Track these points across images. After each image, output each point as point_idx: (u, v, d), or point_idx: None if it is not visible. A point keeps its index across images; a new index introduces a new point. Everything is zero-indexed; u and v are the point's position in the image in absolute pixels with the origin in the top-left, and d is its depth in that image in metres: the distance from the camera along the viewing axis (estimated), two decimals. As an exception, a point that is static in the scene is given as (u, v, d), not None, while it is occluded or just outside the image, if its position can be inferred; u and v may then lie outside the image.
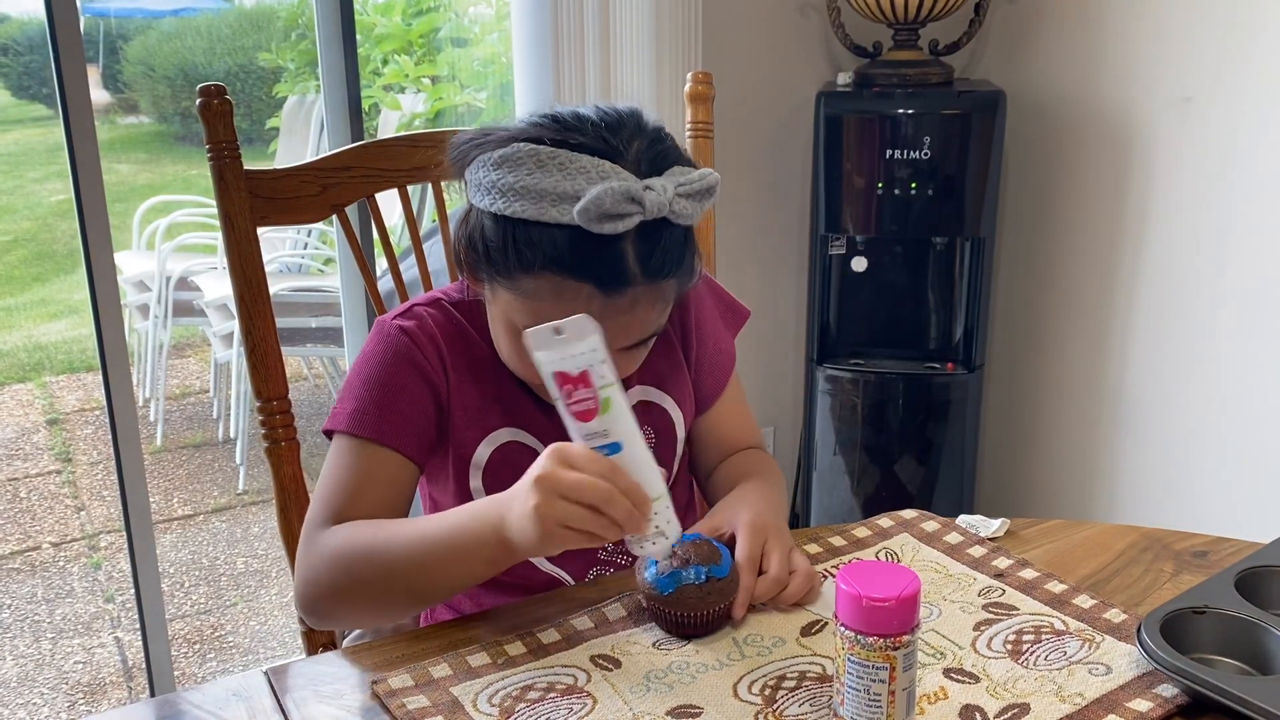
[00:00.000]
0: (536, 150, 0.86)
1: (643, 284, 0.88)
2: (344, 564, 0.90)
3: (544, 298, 0.88)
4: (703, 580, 0.85)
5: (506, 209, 0.86)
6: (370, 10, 3.97)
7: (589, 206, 0.83)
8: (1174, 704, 0.77)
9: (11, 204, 6.34)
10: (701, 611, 0.86)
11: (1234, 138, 1.84)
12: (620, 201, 0.84)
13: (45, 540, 2.98)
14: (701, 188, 0.88)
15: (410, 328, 0.99)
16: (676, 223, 0.88)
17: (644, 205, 0.85)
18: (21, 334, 4.70)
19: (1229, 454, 1.92)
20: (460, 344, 1.00)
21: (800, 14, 2.21)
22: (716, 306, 1.12)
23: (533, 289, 0.88)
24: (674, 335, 1.08)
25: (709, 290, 1.11)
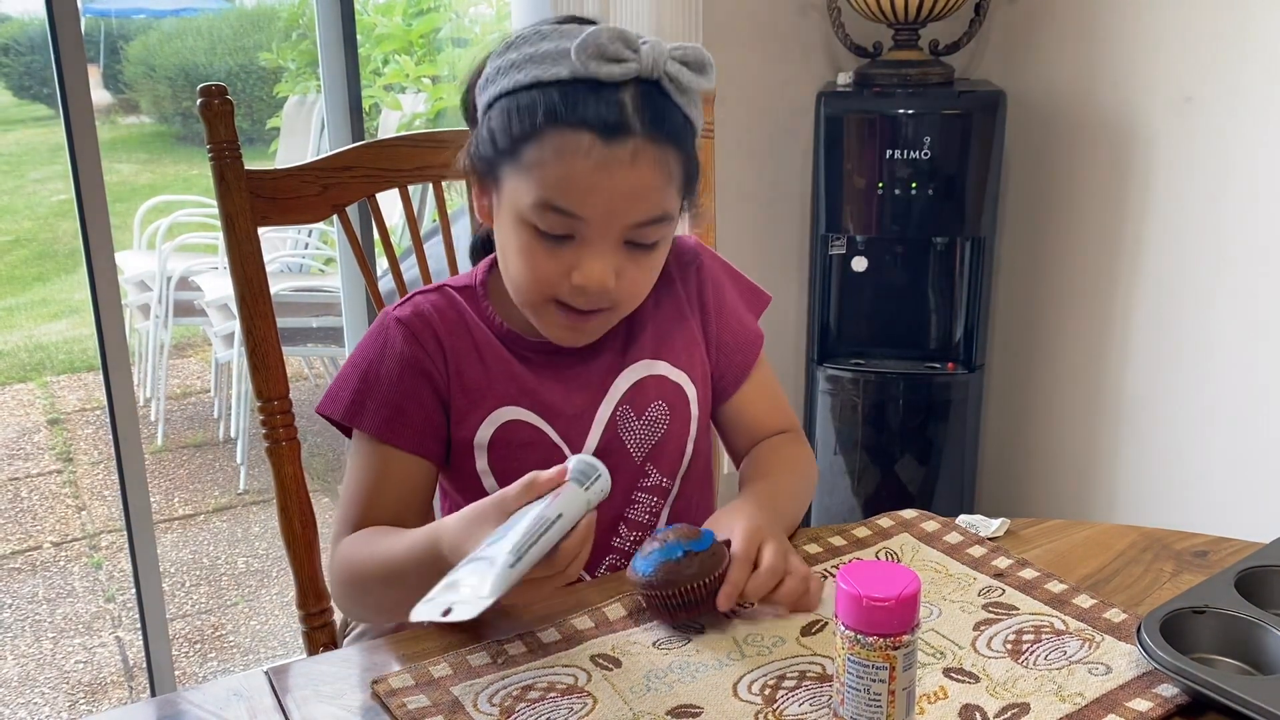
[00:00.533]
0: (538, 27, 0.92)
1: (643, 136, 0.89)
2: (345, 576, 0.96)
3: (547, 162, 0.89)
4: (680, 556, 0.85)
5: (509, 83, 0.91)
6: (371, 10, 3.98)
7: (586, 42, 0.87)
8: (1174, 704, 0.77)
9: (12, 204, 6.34)
10: (685, 587, 0.85)
11: (1234, 138, 1.84)
12: (615, 41, 0.88)
13: (46, 540, 2.98)
14: (695, 57, 0.92)
15: (407, 318, 1.00)
16: (670, 89, 0.91)
17: (639, 53, 0.89)
18: (22, 334, 4.70)
19: (1229, 454, 1.92)
20: (459, 327, 1.01)
21: (800, 14, 2.21)
22: (736, 289, 1.12)
23: (536, 157, 0.89)
24: (690, 311, 1.07)
25: (727, 274, 1.12)
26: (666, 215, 0.93)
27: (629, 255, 0.93)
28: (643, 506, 1.06)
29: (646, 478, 1.05)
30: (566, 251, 0.92)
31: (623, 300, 0.96)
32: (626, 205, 0.90)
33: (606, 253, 0.92)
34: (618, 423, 1.03)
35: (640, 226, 0.92)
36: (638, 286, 0.96)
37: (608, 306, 0.95)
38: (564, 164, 0.88)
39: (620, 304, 0.96)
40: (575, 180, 0.89)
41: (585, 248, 0.92)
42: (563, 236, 0.91)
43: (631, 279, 0.94)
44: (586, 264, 0.91)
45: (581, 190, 0.89)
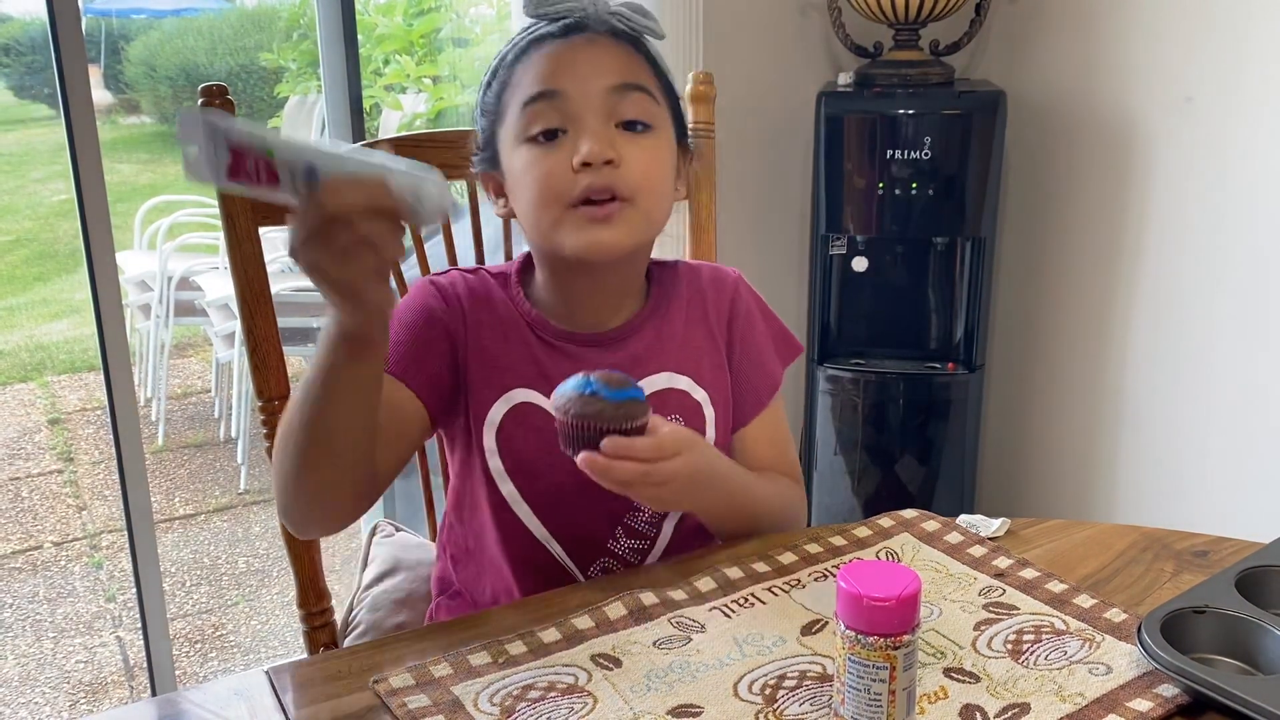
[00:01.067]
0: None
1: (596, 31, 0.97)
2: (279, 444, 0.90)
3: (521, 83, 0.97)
4: (589, 393, 0.86)
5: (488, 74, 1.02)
6: (371, 10, 3.98)
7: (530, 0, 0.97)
8: (1174, 704, 0.78)
9: (13, 204, 6.35)
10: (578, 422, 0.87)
11: (1234, 138, 1.84)
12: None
13: (47, 540, 2.98)
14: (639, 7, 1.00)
15: (441, 282, 1.04)
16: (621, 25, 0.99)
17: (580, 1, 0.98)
18: (23, 333, 4.71)
19: (1229, 453, 1.92)
20: (486, 304, 1.04)
21: (801, 14, 2.21)
22: (769, 329, 1.12)
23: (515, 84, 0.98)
24: (718, 334, 1.08)
25: (761, 313, 1.12)
26: (645, 86, 0.97)
27: (624, 137, 0.96)
28: (645, 516, 1.05)
29: (636, 513, 1.04)
30: (564, 147, 0.95)
31: (637, 188, 0.96)
32: (595, 70, 0.96)
33: (600, 127, 0.95)
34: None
35: (620, 92, 0.96)
36: (646, 170, 0.97)
37: (624, 196, 0.95)
38: (531, 69, 0.97)
39: (636, 194, 0.96)
40: (544, 68, 0.96)
41: (578, 131, 0.95)
42: (556, 131, 0.95)
43: (636, 160, 0.96)
44: (584, 141, 0.94)
45: (550, 69, 0.96)
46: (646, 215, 0.98)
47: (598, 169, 0.94)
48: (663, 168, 0.99)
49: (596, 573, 1.04)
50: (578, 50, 0.97)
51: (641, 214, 0.97)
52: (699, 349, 1.07)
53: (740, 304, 1.10)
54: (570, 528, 1.03)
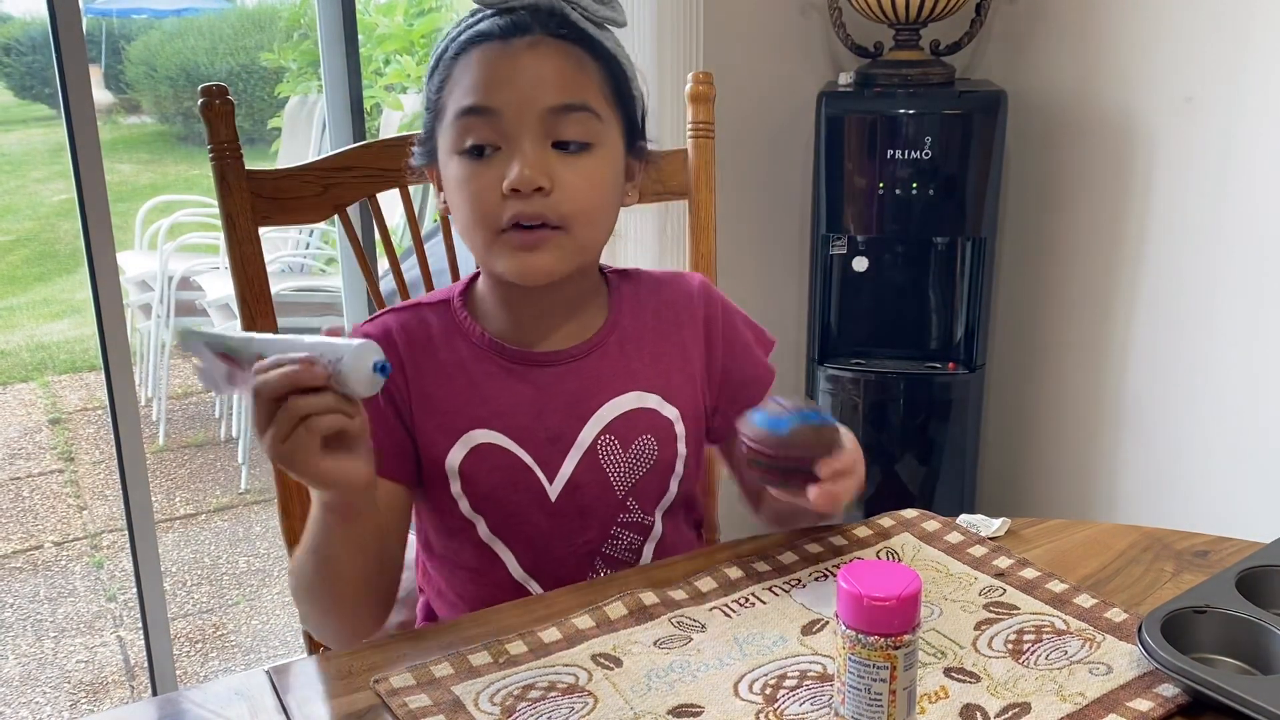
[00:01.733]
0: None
1: (543, 32, 0.91)
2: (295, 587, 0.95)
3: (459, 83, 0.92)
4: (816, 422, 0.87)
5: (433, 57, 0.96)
6: (372, 11, 3.98)
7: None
8: (1175, 704, 0.78)
9: (14, 204, 6.35)
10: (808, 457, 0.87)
11: (1235, 138, 1.84)
12: None
13: (47, 539, 2.98)
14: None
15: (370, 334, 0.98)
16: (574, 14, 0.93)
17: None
18: (24, 333, 4.71)
19: (1230, 453, 1.92)
20: (426, 346, 0.99)
21: (801, 14, 2.21)
22: (747, 328, 1.10)
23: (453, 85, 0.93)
24: (691, 345, 1.05)
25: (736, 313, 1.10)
26: (586, 105, 0.92)
27: (561, 160, 0.91)
28: (623, 543, 1.03)
29: (628, 513, 1.02)
30: (496, 165, 0.91)
31: (570, 215, 0.92)
32: (534, 87, 0.90)
33: (532, 150, 0.90)
34: (599, 451, 0.99)
35: (558, 114, 0.90)
36: (581, 197, 0.92)
37: (554, 223, 0.91)
38: (470, 74, 0.91)
39: (569, 221, 0.92)
40: (480, 76, 0.91)
41: (511, 151, 0.90)
42: (488, 148, 0.91)
43: (572, 187, 0.91)
44: (515, 164, 0.89)
45: (487, 82, 0.91)
46: (580, 241, 0.94)
47: (528, 196, 0.90)
48: (601, 189, 0.94)
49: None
50: (518, 59, 0.91)
51: (574, 240, 0.93)
52: (668, 364, 1.03)
53: (713, 307, 1.07)
54: (548, 564, 1.00)
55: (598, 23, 0.95)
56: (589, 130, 0.92)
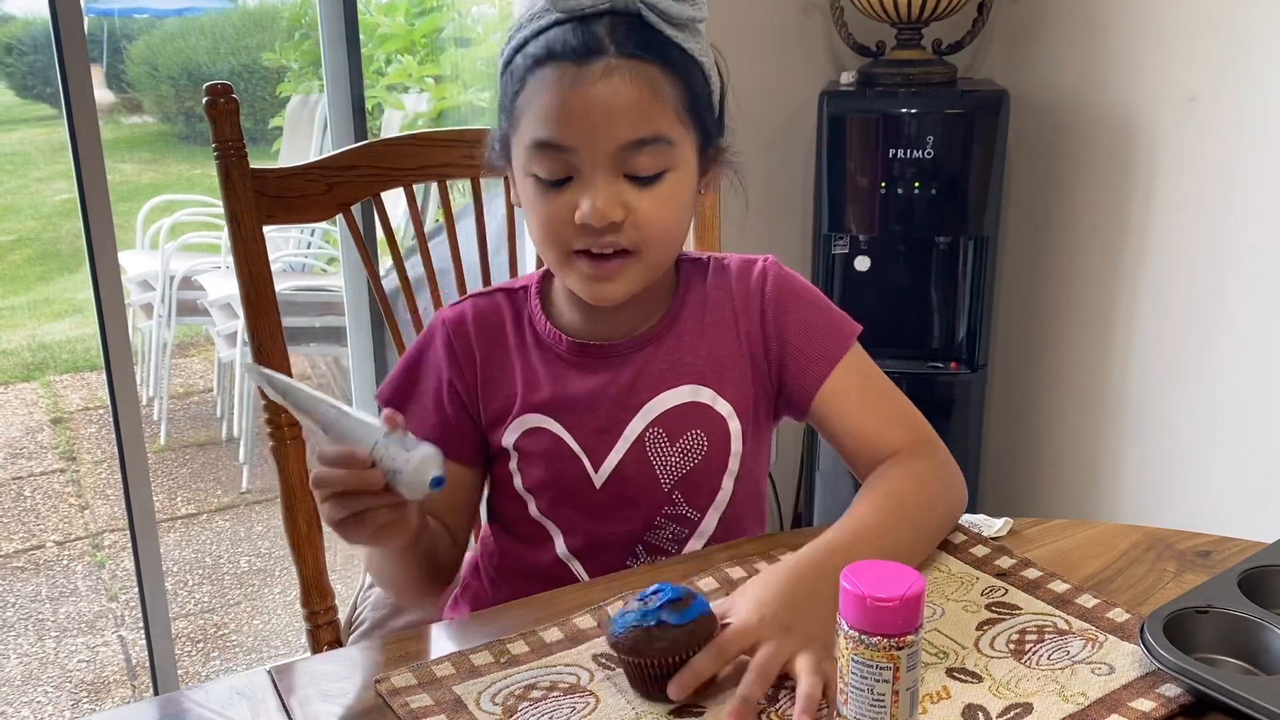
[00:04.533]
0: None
1: (617, 55, 0.89)
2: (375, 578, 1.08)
3: (532, 105, 0.91)
4: (653, 625, 0.77)
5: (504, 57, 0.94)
6: (373, 10, 3.98)
7: None
8: (1177, 704, 0.77)
9: (16, 203, 6.35)
10: (653, 660, 0.77)
11: (1237, 137, 1.83)
12: None
13: (49, 539, 2.98)
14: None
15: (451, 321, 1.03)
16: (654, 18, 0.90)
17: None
18: (26, 333, 4.71)
19: (1232, 453, 1.91)
20: (498, 333, 1.02)
21: (803, 13, 2.21)
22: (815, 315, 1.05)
23: (524, 105, 0.91)
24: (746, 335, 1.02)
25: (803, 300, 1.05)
26: (660, 136, 0.90)
27: (634, 189, 0.91)
28: (666, 533, 1.02)
29: (673, 505, 1.01)
30: (568, 193, 0.91)
31: (644, 241, 0.92)
32: (607, 123, 0.88)
33: (604, 185, 0.90)
34: (646, 443, 1.00)
35: (631, 149, 0.89)
36: (655, 224, 0.92)
37: (628, 249, 0.92)
38: (543, 97, 0.90)
39: (642, 246, 0.93)
40: (553, 108, 0.89)
41: (584, 184, 0.90)
42: (563, 180, 0.91)
43: (645, 214, 0.91)
44: (586, 198, 0.90)
45: (561, 117, 0.89)
46: (654, 263, 0.95)
47: (599, 229, 0.90)
48: (676, 212, 0.95)
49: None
50: (590, 91, 0.88)
51: (648, 264, 0.95)
52: (723, 357, 1.01)
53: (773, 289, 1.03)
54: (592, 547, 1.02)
55: (679, 24, 0.92)
56: (663, 159, 0.91)
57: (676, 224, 0.96)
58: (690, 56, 0.93)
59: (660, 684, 0.77)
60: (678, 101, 0.91)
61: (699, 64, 0.94)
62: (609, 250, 0.92)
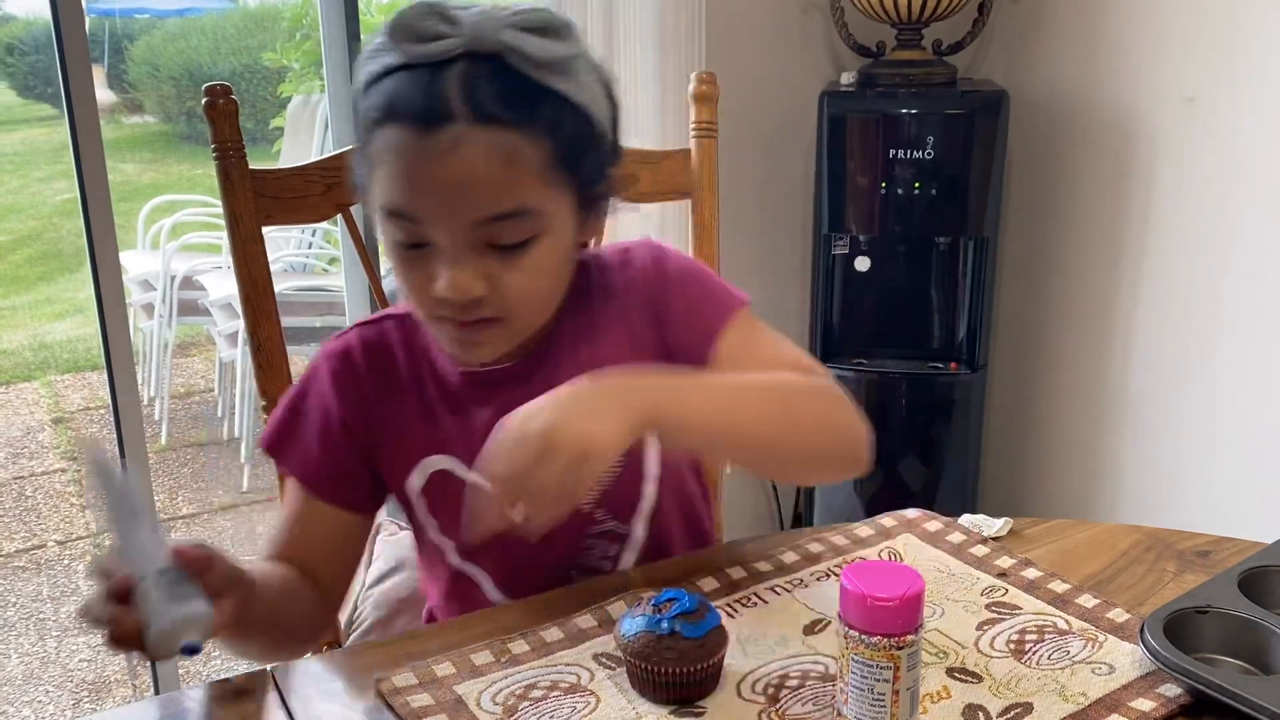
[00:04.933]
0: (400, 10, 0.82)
1: (468, 121, 0.78)
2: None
3: (379, 165, 0.81)
4: (666, 632, 0.77)
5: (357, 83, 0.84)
6: (374, 10, 3.98)
7: (395, 23, 0.78)
8: (1177, 704, 0.78)
9: (17, 203, 6.36)
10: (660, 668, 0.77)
11: (1237, 137, 1.83)
12: (428, 17, 0.78)
13: (50, 538, 2.98)
14: (541, 21, 0.80)
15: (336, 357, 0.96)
16: (517, 61, 0.79)
17: (459, 25, 0.79)
18: (27, 333, 4.71)
19: (1232, 453, 1.91)
20: (385, 368, 0.95)
21: (804, 13, 2.21)
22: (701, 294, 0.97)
23: (375, 156, 0.82)
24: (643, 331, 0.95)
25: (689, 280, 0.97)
26: (522, 209, 0.81)
27: (498, 258, 0.83)
28: (596, 553, 0.98)
29: (598, 524, 0.96)
30: (427, 261, 0.83)
31: (511, 310, 0.85)
32: (459, 201, 0.80)
33: (462, 258, 0.82)
34: None
35: (488, 224, 0.81)
36: (522, 293, 0.85)
37: (495, 316, 0.85)
38: (390, 164, 0.81)
39: (510, 314, 0.86)
40: (400, 180, 0.80)
41: (441, 255, 0.82)
42: (418, 244, 0.83)
43: (510, 286, 0.83)
44: (443, 273, 0.82)
45: (409, 190, 0.80)
46: (524, 327, 0.89)
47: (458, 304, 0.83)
48: (546, 278, 0.87)
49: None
50: (434, 165, 0.79)
51: (517, 329, 0.88)
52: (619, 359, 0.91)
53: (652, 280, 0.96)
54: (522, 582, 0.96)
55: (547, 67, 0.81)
56: (528, 228, 0.83)
57: (548, 290, 0.89)
58: (563, 101, 0.82)
59: (664, 690, 0.78)
60: (544, 163, 0.82)
61: (574, 107, 0.83)
62: (473, 318, 0.85)
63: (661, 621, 0.78)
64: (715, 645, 0.79)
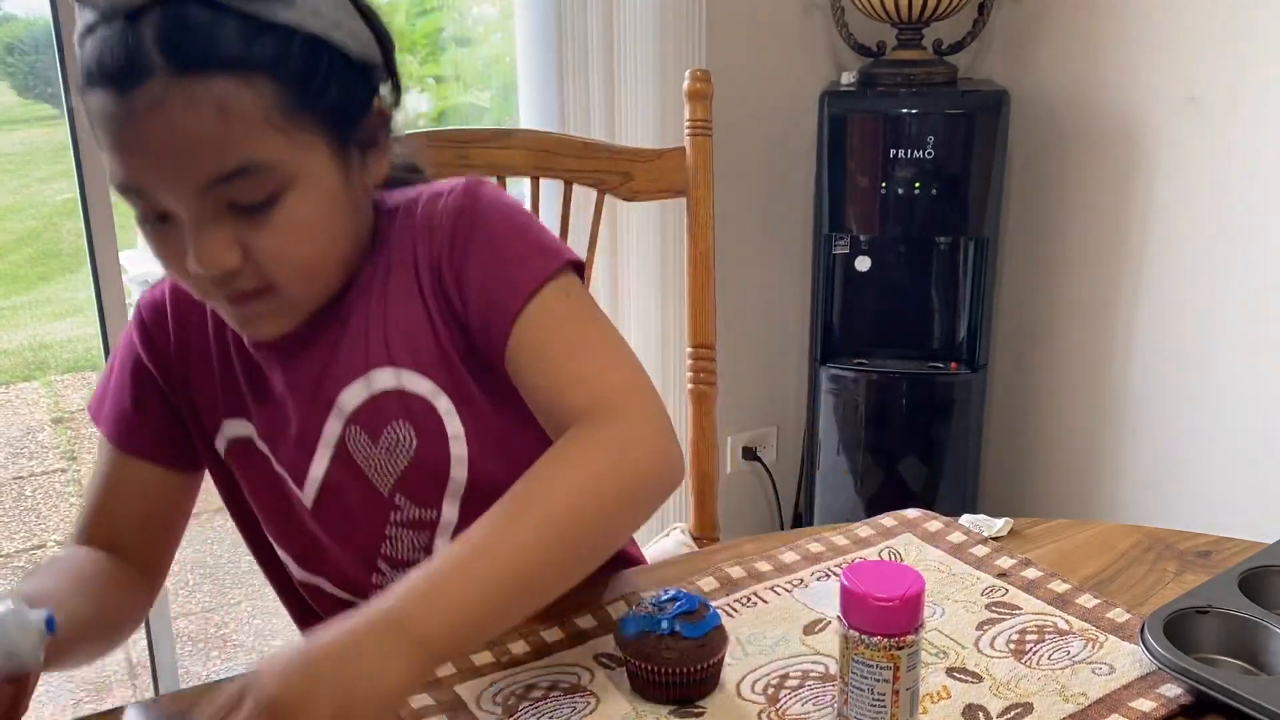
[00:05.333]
0: None
1: (167, 74, 0.69)
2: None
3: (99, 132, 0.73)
4: (666, 632, 0.77)
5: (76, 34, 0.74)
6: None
7: None
8: (1177, 704, 0.77)
9: (17, 203, 6.35)
10: (658, 668, 0.77)
11: (1238, 137, 1.83)
12: None
13: (50, 539, 2.98)
14: None
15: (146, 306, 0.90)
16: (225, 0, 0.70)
17: None
18: (27, 332, 4.71)
19: (1233, 454, 1.91)
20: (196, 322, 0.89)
21: (804, 13, 2.21)
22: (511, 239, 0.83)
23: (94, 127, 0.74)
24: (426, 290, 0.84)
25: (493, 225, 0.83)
26: (250, 165, 0.72)
27: (246, 222, 0.74)
28: (404, 543, 0.89)
29: (399, 511, 0.87)
30: (175, 234, 0.75)
31: (273, 277, 0.76)
32: (175, 167, 0.71)
33: (204, 226, 0.73)
34: (348, 447, 0.85)
35: (216, 186, 0.72)
36: (280, 256, 0.75)
37: (261, 286, 0.77)
38: (103, 134, 0.73)
39: (275, 281, 0.77)
40: (114, 150, 0.73)
41: (185, 227, 0.74)
42: (160, 217, 0.75)
43: (264, 251, 0.75)
44: (192, 247, 0.74)
45: (124, 161, 0.72)
46: (302, 294, 0.80)
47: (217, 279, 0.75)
48: (309, 235, 0.77)
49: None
50: (144, 130, 0.70)
51: (294, 297, 0.79)
52: (411, 325, 0.83)
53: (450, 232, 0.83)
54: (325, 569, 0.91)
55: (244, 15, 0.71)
56: (267, 184, 0.73)
57: (314, 250, 0.78)
58: (288, 32, 0.72)
59: (664, 690, 0.78)
60: (269, 107, 0.72)
61: (304, 37, 0.73)
62: (238, 291, 0.77)
63: (661, 621, 0.78)
64: (715, 645, 0.79)
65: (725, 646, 0.80)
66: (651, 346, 2.00)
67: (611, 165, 1.28)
